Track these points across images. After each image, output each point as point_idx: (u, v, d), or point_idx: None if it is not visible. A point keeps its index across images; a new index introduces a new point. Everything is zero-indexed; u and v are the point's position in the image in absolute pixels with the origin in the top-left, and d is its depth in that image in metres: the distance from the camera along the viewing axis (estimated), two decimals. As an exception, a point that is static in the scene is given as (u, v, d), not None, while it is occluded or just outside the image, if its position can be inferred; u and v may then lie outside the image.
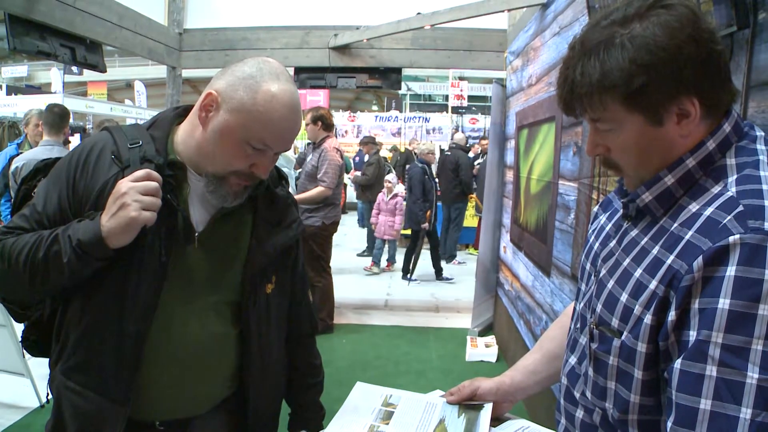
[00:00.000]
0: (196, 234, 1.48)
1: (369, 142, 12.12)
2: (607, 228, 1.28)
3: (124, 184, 1.33)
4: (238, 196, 1.46)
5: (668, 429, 0.96)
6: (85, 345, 1.45)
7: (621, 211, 1.23)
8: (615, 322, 1.10)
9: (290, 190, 1.69)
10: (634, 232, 1.15)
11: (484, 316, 6.33)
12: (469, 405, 1.61)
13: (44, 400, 4.08)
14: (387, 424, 1.54)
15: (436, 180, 10.58)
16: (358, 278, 9.02)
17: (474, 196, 10.57)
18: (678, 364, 0.96)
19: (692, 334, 0.95)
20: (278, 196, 1.61)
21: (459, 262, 10.26)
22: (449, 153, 10.46)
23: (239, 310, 1.56)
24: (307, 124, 6.13)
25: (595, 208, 1.42)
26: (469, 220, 10.84)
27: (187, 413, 1.56)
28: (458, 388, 1.63)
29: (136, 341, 1.43)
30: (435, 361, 5.49)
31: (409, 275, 8.56)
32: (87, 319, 1.44)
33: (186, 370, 1.50)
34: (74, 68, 13.94)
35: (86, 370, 1.46)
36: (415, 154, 9.85)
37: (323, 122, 6.06)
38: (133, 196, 1.31)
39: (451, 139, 13.52)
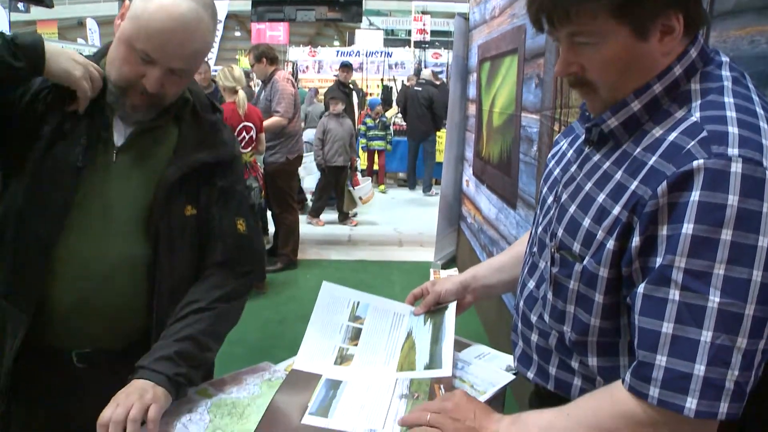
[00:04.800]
0: (116, 148, 1.48)
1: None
2: (569, 154, 1.28)
3: (81, 57, 1.40)
4: (138, 110, 1.47)
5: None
6: None
7: (582, 136, 1.22)
8: (576, 247, 1.11)
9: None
10: (596, 157, 1.15)
11: (447, 249, 6.40)
12: (434, 310, 1.63)
13: None
14: (355, 345, 1.56)
15: (399, 115, 10.65)
16: (323, 215, 9.04)
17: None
18: (641, 288, 0.98)
19: (658, 261, 0.96)
20: (206, 119, 1.59)
21: (436, 193, 10.64)
22: (420, 89, 10.61)
23: (150, 227, 1.50)
24: (252, 65, 6.13)
25: (557, 136, 1.42)
26: (440, 155, 10.92)
27: (101, 344, 1.50)
28: (421, 291, 1.67)
29: (45, 244, 1.41)
30: (399, 293, 5.46)
31: None
32: (0, 211, 1.45)
33: (94, 289, 1.45)
34: (20, 5, 13.35)
35: None
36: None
37: (267, 57, 6.04)
38: (85, 65, 1.39)
39: (417, 75, 13.51)
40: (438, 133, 10.71)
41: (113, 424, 1.24)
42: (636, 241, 0.99)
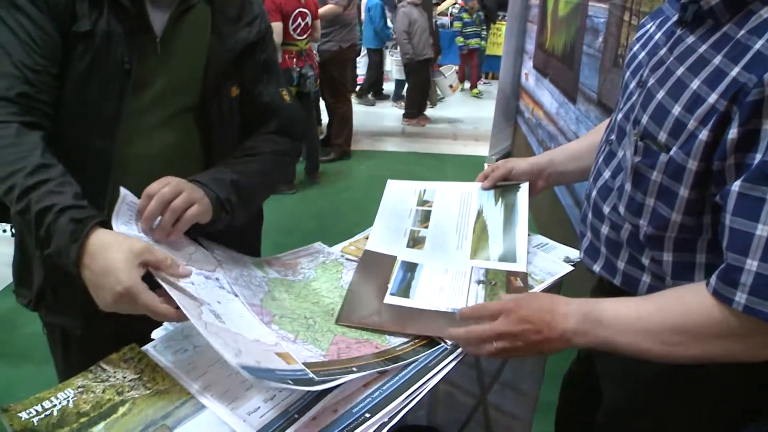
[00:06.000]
0: (158, 39, 1.38)
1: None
2: (656, 36, 1.18)
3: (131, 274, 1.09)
4: None
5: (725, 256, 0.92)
6: None
7: (674, 18, 1.12)
8: (663, 136, 1.03)
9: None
10: (690, 40, 1.05)
11: (503, 144, 6.32)
12: (505, 187, 1.61)
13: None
14: (426, 227, 1.57)
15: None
16: (377, 106, 8.95)
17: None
18: (736, 186, 0.90)
19: (758, 157, 0.88)
20: None
21: (485, 82, 10.83)
22: None
23: (202, 115, 1.47)
24: None
25: (644, 19, 1.32)
26: (493, 48, 10.58)
27: None
28: (491, 168, 1.62)
29: (101, 156, 1.36)
30: (452, 187, 5.55)
31: None
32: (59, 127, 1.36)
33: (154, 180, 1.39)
34: None
35: None
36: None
37: None
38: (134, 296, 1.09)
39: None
40: (495, 26, 10.40)
41: (159, 199, 1.25)
42: (733, 133, 0.91)
